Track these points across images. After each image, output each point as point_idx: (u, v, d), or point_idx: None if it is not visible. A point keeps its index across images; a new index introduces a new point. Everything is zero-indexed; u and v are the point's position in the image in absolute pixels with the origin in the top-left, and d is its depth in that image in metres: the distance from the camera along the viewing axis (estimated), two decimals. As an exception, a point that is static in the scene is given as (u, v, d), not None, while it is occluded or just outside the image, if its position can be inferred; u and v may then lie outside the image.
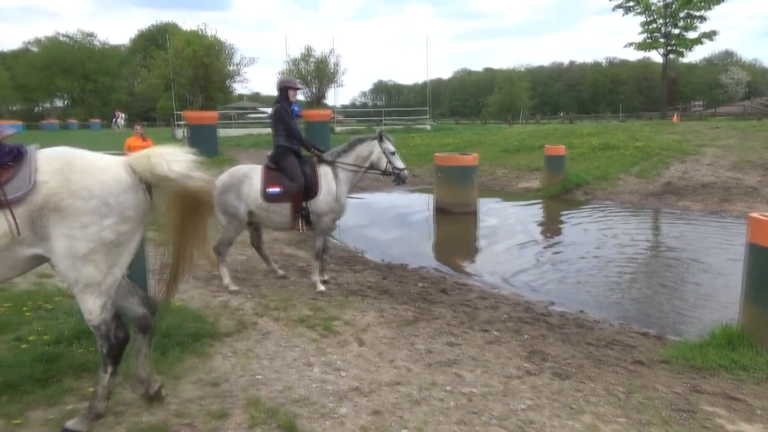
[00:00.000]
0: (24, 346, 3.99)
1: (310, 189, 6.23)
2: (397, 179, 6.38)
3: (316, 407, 3.59)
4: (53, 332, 4.19)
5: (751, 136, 18.66)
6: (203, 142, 21.01)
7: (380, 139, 6.38)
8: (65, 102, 72.88)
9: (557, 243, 10.16)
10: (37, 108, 71.93)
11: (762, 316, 4.61)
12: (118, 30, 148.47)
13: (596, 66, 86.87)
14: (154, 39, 66.32)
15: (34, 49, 71.30)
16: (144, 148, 10.47)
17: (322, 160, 6.39)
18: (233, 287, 5.99)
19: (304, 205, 6.25)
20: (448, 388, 3.98)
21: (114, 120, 44.15)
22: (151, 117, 64.38)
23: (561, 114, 61.07)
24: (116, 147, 14.48)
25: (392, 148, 6.44)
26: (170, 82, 31.96)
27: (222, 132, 27.51)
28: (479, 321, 5.61)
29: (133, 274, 4.45)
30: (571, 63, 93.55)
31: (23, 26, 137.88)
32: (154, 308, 3.57)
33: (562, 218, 12.69)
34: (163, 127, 47.09)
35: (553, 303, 6.55)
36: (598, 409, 3.75)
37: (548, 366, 4.50)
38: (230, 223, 6.23)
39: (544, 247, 9.70)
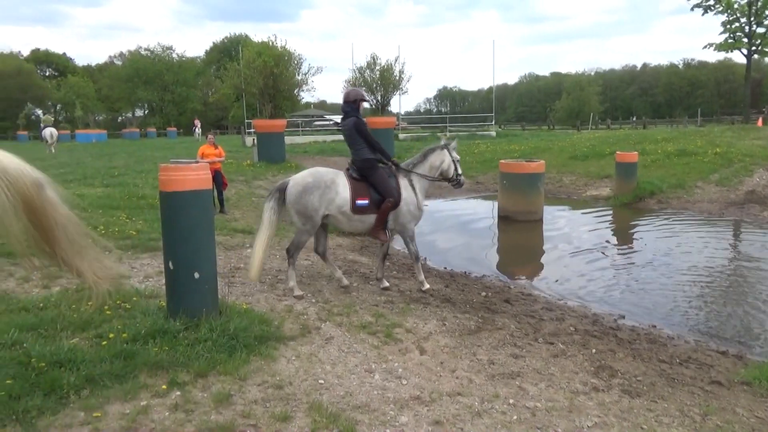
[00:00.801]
0: (104, 342, 4.23)
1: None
2: (458, 184, 6.92)
3: (377, 414, 3.61)
4: (131, 330, 4.42)
5: None
6: (271, 149, 21.67)
7: (449, 148, 6.85)
8: (145, 112, 77.09)
9: (628, 253, 9.75)
10: (120, 118, 76.46)
11: None
12: (194, 43, 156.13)
13: (672, 68, 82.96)
14: (227, 51, 69.08)
15: (119, 62, 75.96)
16: (215, 155, 10.85)
17: (399, 171, 6.67)
18: (298, 292, 6.12)
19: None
20: (511, 401, 3.90)
21: (193, 128, 45.88)
22: (223, 125, 67.01)
23: (633, 119, 58.63)
24: (191, 154, 15.17)
25: (458, 156, 6.97)
26: (241, 91, 33.14)
27: (289, 139, 28.25)
28: (544, 333, 5.47)
29: (203, 277, 4.66)
30: (645, 66, 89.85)
31: (110, 41, 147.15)
32: None
33: (634, 228, 12.17)
34: (234, 135, 48.90)
35: (622, 316, 6.29)
36: (671, 430, 3.57)
37: (617, 382, 4.33)
38: (304, 225, 6.29)
39: (614, 258, 9.33)
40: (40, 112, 61.21)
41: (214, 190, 10.86)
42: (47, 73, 75.28)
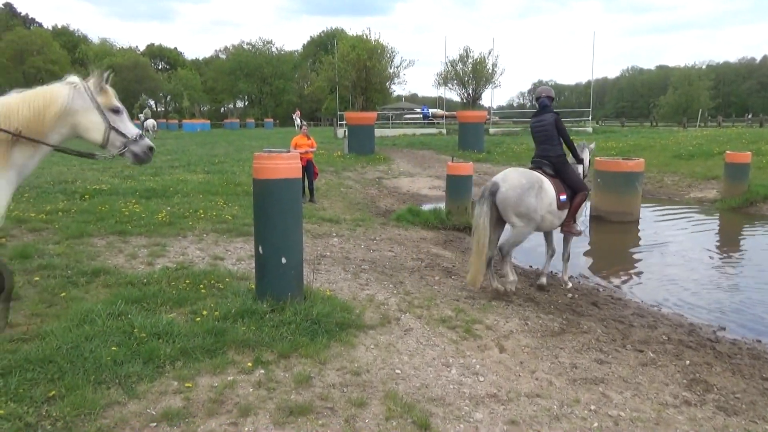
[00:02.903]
0: (198, 319, 4.52)
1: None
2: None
3: (452, 409, 3.60)
4: (222, 309, 4.70)
5: None
6: (361, 141, 22.03)
7: (590, 148, 7.44)
8: (245, 103, 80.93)
9: (734, 262, 9.02)
10: (222, 108, 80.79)
11: None
12: (293, 37, 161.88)
13: (798, 61, 75.38)
14: (324, 44, 71.01)
15: (223, 56, 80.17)
16: (308, 146, 11.21)
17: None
18: (512, 286, 6.28)
19: None
20: (592, 407, 3.76)
21: (295, 118, 46.28)
22: (317, 117, 68.99)
23: (749, 116, 53.97)
24: (285, 144, 15.76)
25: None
26: (335, 84, 33.93)
27: (378, 132, 28.57)
28: (633, 340, 5.20)
29: (289, 262, 4.84)
30: (765, 58, 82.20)
31: (215, 36, 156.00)
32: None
33: (743, 234, 11.23)
34: (327, 127, 50.24)
35: (723, 328, 5.85)
36: (772, 454, 3.29)
37: (712, 398, 4.04)
38: (527, 226, 6.34)
39: (717, 266, 8.67)
40: (152, 102, 65.96)
41: (305, 180, 11.24)
42: (160, 67, 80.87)
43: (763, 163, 15.81)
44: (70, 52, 66.06)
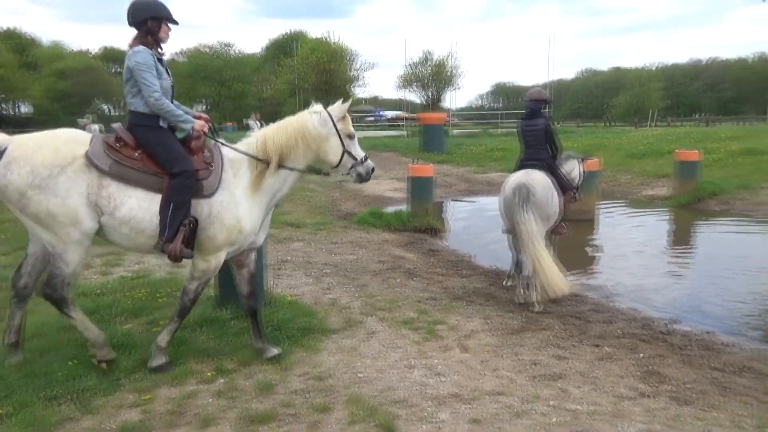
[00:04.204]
0: (156, 329, 4.43)
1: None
2: (574, 199, 7.10)
3: (415, 410, 3.63)
4: (181, 318, 4.60)
5: None
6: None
7: (580, 160, 7.41)
8: (204, 107, 79.55)
9: (685, 256, 9.36)
10: (180, 113, 79.16)
11: None
12: (252, 39, 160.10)
13: (742, 62, 78.67)
14: (285, 47, 70.41)
15: (180, 59, 78.61)
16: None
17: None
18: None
19: None
20: (552, 402, 3.84)
21: (253, 123, 45.89)
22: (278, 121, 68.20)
23: (697, 116, 56.10)
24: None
25: (584, 173, 7.58)
26: (295, 87, 33.74)
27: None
28: (590, 335, 5.33)
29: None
30: (712, 60, 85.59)
31: (173, 38, 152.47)
32: None
33: (693, 230, 11.66)
34: (288, 130, 49.92)
35: (675, 321, 6.05)
36: (721, 441, 3.42)
37: (666, 389, 4.18)
38: (546, 229, 6.33)
39: (670, 261, 8.98)
40: (105, 106, 64.06)
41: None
42: (115, 70, 78.67)
43: (711, 161, 16.44)
44: (19, 55, 63.68)
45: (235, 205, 3.72)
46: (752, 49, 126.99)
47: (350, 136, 4.05)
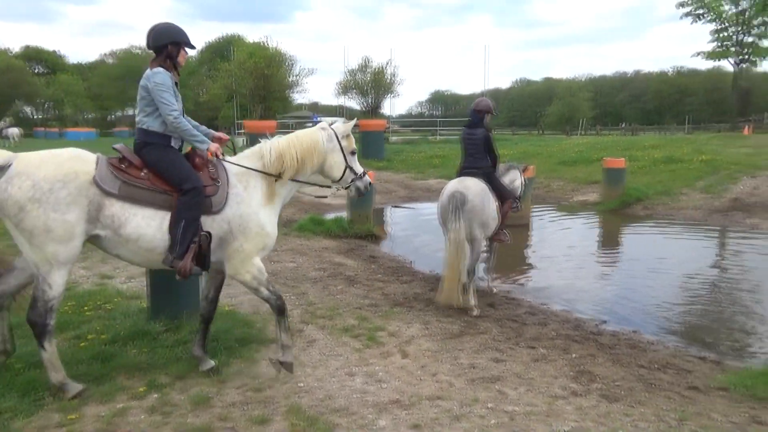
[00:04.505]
0: (83, 344, 4.22)
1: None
2: (516, 208, 7.05)
3: (355, 418, 3.61)
4: (110, 332, 4.41)
5: (831, 151, 17.48)
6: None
7: (521, 170, 7.42)
8: (136, 110, 76.60)
9: (613, 259, 9.83)
10: (110, 116, 75.90)
11: (833, 346, 4.30)
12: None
13: (662, 75, 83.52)
14: (221, 51, 68.87)
15: (110, 60, 75.41)
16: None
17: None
18: (477, 311, 6.15)
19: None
20: (490, 405, 3.92)
21: None
22: (214, 125, 66.71)
23: (623, 125, 59.06)
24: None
25: (526, 182, 7.62)
26: (232, 92, 33.09)
27: (280, 141, 28.10)
28: (526, 337, 5.49)
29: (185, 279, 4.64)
30: (636, 72, 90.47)
31: (102, 39, 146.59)
32: None
33: (620, 234, 12.26)
34: (225, 136, 48.71)
35: (604, 321, 6.34)
36: (647, 435, 3.59)
37: (596, 387, 4.36)
38: (483, 236, 6.42)
39: (599, 264, 9.40)
40: (28, 108, 60.62)
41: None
42: (38, 71, 74.59)
43: (636, 168, 17.34)
44: (-72, 53, 59.35)
45: (256, 215, 3.86)
46: (671, 62, 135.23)
47: (353, 153, 4.29)
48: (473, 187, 6.29)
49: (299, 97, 48.03)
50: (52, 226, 3.34)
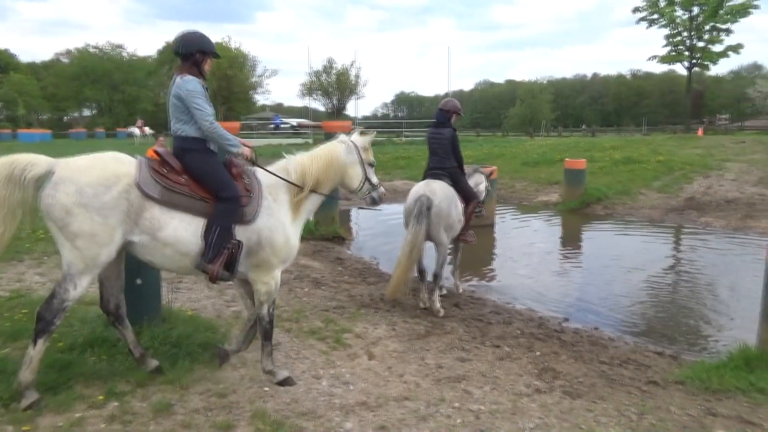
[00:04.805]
0: (38, 353, 4.04)
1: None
2: (479, 212, 7.09)
3: (322, 421, 3.59)
4: (67, 339, 4.26)
5: (778, 151, 18.27)
6: (223, 152, 21.22)
7: (486, 174, 7.48)
8: (93, 111, 74.43)
9: (574, 258, 10.04)
10: (66, 117, 73.56)
11: (781, 338, 4.49)
12: (145, 42, 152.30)
13: (620, 78, 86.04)
14: (181, 51, 67.52)
15: (65, 60, 73.13)
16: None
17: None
18: (442, 312, 6.21)
19: None
20: (456, 404, 3.94)
21: (133, 129, 38.04)
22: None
23: (583, 127, 60.46)
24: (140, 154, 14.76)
25: (490, 188, 7.60)
26: (194, 92, 32.45)
27: (243, 142, 27.71)
28: (491, 336, 5.56)
29: (145, 283, 4.54)
30: (595, 75, 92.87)
31: (55, 38, 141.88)
32: None
33: (581, 233, 12.54)
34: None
35: (567, 319, 6.46)
36: (609, 430, 3.68)
37: (559, 384, 4.44)
38: (449, 239, 6.42)
39: (561, 262, 9.59)
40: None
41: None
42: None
43: (596, 169, 17.76)
44: None
45: (282, 228, 3.98)
46: (628, 66, 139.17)
47: (371, 165, 4.44)
48: (439, 191, 6.30)
49: (263, 98, 47.58)
50: (97, 230, 3.44)
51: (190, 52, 3.94)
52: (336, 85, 36.28)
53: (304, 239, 9.94)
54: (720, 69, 79.82)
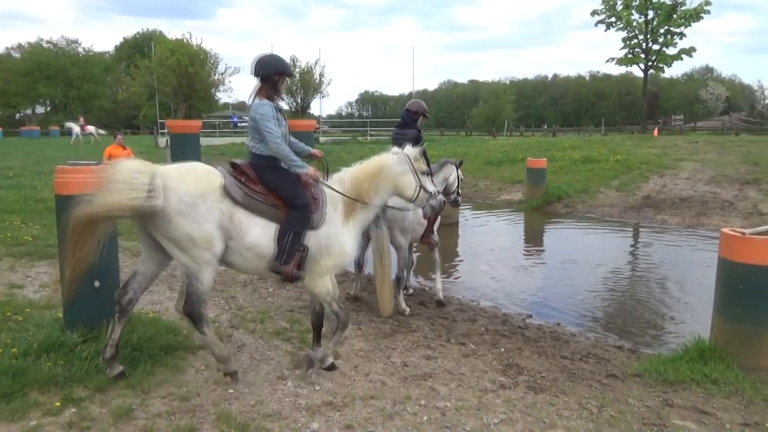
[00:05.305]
0: (-10, 359, 3.90)
1: None
2: (455, 203, 7.17)
3: (288, 422, 3.56)
4: (22, 345, 4.10)
5: (729, 151, 18.99)
6: (185, 151, 20.70)
7: (457, 165, 7.25)
8: (47, 108, 71.97)
9: (536, 256, 10.23)
10: (18, 114, 70.90)
11: (732, 330, 4.67)
12: (101, 37, 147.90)
13: (579, 80, 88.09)
14: (139, 47, 65.91)
15: (16, 54, 70.46)
16: (124, 156, 10.36)
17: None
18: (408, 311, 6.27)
19: None
20: (422, 402, 3.97)
21: (72, 127, 33.12)
22: (135, 125, 63.84)
23: (544, 127, 61.61)
24: (98, 154, 14.35)
25: (462, 177, 7.33)
26: (154, 90, 31.74)
27: (205, 141, 27.33)
28: (456, 334, 5.61)
29: (104, 285, 4.41)
30: (555, 76, 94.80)
31: (5, 32, 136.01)
32: None
33: (542, 231, 12.78)
34: (147, 135, 46.73)
35: (530, 316, 6.58)
36: (570, 423, 3.76)
37: (523, 379, 4.51)
38: (407, 241, 6.37)
39: (524, 260, 9.75)
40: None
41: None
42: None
43: (557, 168, 18.12)
44: None
45: (341, 236, 4.23)
46: (587, 67, 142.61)
47: (424, 173, 4.60)
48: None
49: (225, 97, 46.80)
50: (195, 236, 3.72)
51: (269, 74, 4.26)
52: (300, 84, 35.98)
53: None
54: (674, 71, 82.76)
